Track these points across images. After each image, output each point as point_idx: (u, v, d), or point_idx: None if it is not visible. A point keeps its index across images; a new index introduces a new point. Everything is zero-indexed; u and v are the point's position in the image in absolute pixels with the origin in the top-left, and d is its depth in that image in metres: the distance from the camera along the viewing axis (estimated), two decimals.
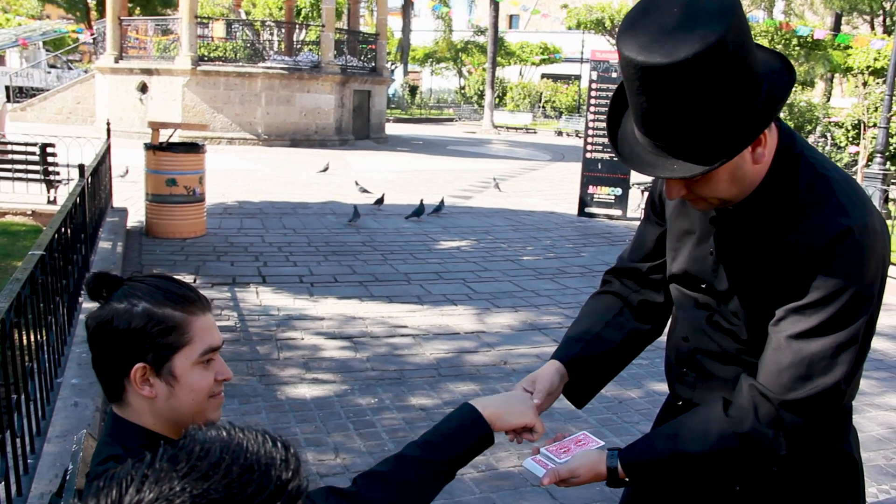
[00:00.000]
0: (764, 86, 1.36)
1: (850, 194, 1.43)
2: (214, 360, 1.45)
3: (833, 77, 31.94)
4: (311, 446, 4.07)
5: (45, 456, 3.23)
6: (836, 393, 1.41)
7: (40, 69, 33.93)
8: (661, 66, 1.28)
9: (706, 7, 1.28)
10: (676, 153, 1.36)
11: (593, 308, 1.85)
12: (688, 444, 1.49)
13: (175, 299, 1.40)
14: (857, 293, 1.39)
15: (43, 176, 10.52)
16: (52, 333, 4.06)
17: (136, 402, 1.42)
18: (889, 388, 5.38)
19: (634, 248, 1.84)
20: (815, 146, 17.54)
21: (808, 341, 1.40)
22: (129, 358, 1.38)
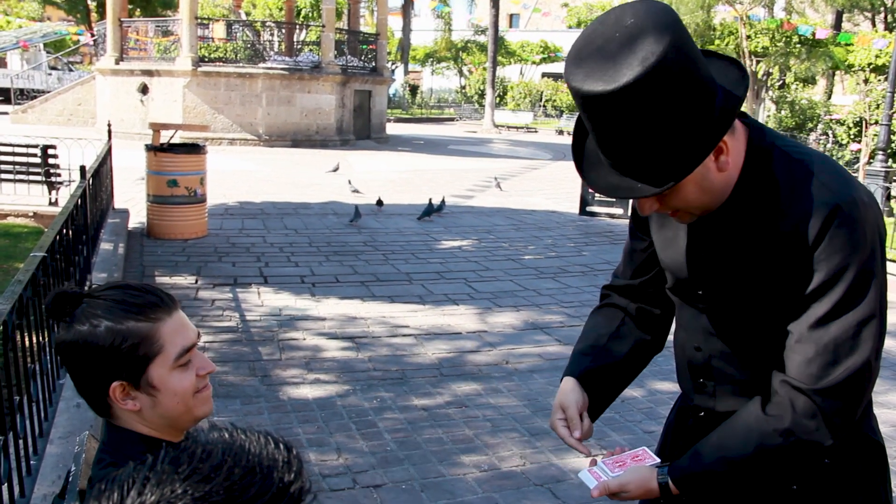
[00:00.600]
0: (719, 95, 1.37)
1: (830, 173, 1.43)
2: (192, 357, 1.42)
3: (834, 74, 31.93)
4: (314, 447, 4.07)
5: (47, 457, 3.24)
6: (868, 370, 1.40)
7: (41, 71, 33.95)
8: (606, 94, 1.29)
9: (644, 30, 1.28)
10: (636, 173, 1.38)
11: (597, 322, 1.85)
12: (733, 450, 1.47)
13: (136, 310, 1.36)
14: (861, 267, 1.38)
15: (44, 177, 10.52)
16: (53, 334, 4.06)
17: (124, 415, 1.41)
18: (893, 386, 5.38)
19: (624, 266, 1.84)
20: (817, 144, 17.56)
21: (827, 327, 1.40)
22: (103, 377, 1.36)
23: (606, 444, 4.22)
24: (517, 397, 4.86)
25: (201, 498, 0.71)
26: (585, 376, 1.74)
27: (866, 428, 1.60)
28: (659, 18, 1.30)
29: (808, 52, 24.39)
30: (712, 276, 1.58)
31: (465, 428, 4.39)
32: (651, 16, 1.30)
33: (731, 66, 1.45)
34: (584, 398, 1.71)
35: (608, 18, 1.34)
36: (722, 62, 1.46)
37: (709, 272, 1.58)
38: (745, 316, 1.55)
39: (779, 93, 28.79)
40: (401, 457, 4.01)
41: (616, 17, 1.33)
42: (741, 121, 1.48)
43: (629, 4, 1.34)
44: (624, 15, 1.32)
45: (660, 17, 1.30)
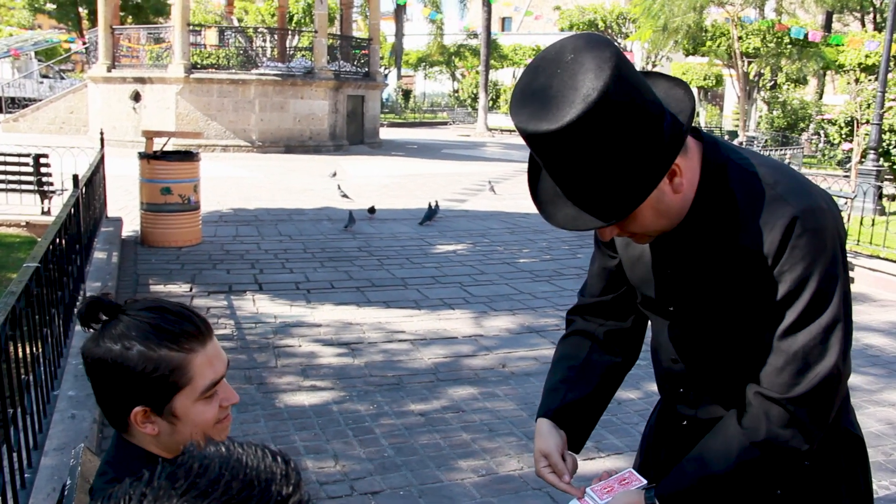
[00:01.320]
0: (667, 119, 1.37)
1: (786, 182, 1.45)
2: (218, 388, 1.40)
3: (825, 74, 32.03)
4: (311, 454, 4.06)
5: (42, 470, 3.22)
6: (837, 374, 1.43)
7: (32, 79, 33.84)
8: (551, 133, 1.29)
9: (584, 65, 1.28)
10: (591, 204, 1.38)
11: (564, 354, 1.85)
12: (714, 466, 1.50)
13: (171, 338, 1.34)
14: (824, 275, 1.40)
15: (37, 187, 10.48)
16: (48, 346, 4.05)
17: (139, 435, 1.40)
18: (886, 384, 5.39)
19: (594, 283, 1.84)
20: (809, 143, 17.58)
21: (795, 336, 1.42)
22: (127, 399, 1.35)
23: (603, 447, 4.22)
24: (514, 401, 4.86)
25: None
26: (559, 413, 1.74)
27: (845, 422, 1.63)
28: (598, 52, 1.30)
29: (800, 53, 24.46)
30: (681, 293, 1.59)
31: (462, 433, 4.39)
32: (590, 49, 1.30)
33: (675, 87, 1.45)
34: (562, 438, 1.72)
35: (548, 55, 1.34)
36: (666, 83, 1.46)
37: (677, 289, 1.59)
38: (717, 329, 1.56)
39: (770, 93, 28.88)
40: (398, 463, 4.00)
41: (555, 53, 1.33)
42: (694, 137, 1.49)
43: (568, 39, 1.34)
44: (563, 50, 1.32)
45: (599, 49, 1.30)
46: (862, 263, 8.44)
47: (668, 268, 1.59)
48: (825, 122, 21.09)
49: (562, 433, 1.72)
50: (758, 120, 28.89)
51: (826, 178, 12.26)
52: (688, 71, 32.78)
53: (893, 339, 6.47)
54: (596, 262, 1.83)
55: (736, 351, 1.54)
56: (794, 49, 24.10)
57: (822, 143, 24.16)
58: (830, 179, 12.44)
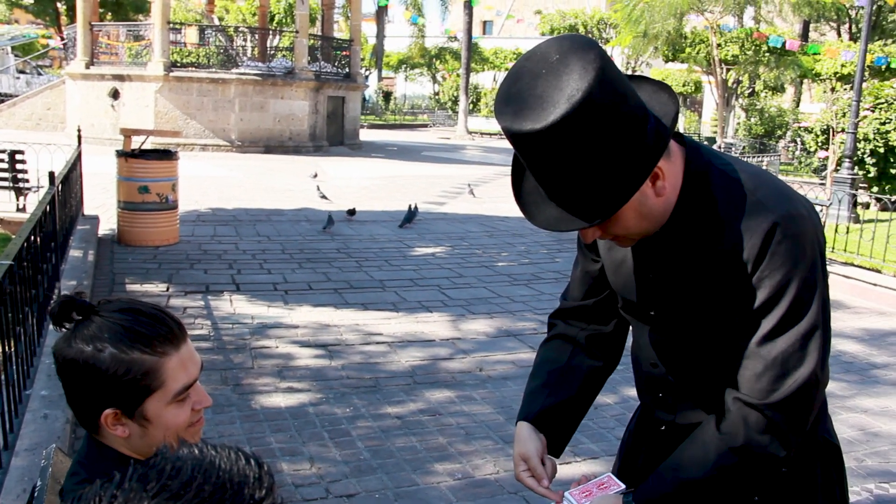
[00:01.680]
0: (650, 122, 1.38)
1: (768, 188, 1.46)
2: (191, 391, 1.39)
3: (802, 82, 32.38)
4: (286, 456, 4.04)
5: (12, 470, 3.18)
6: (815, 381, 1.44)
7: (9, 75, 33.50)
8: (535, 132, 1.30)
9: (569, 66, 1.30)
10: (573, 205, 1.39)
11: (545, 357, 1.85)
12: (692, 471, 1.50)
13: (144, 341, 1.32)
14: (803, 281, 1.41)
15: (12, 183, 10.38)
16: (20, 344, 4.00)
17: (110, 437, 1.38)
18: (859, 390, 5.45)
19: (576, 287, 1.85)
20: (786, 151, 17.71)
21: (773, 342, 1.43)
22: (98, 401, 1.33)
23: (579, 451, 4.23)
24: (491, 404, 4.87)
25: None
26: (540, 417, 1.75)
27: (822, 431, 1.65)
28: (583, 53, 1.30)
29: (777, 61, 24.69)
30: (662, 298, 1.60)
31: (438, 436, 4.39)
32: (575, 51, 1.31)
33: (660, 91, 1.46)
34: (542, 442, 1.72)
35: (534, 55, 1.35)
36: (651, 87, 1.47)
37: (658, 294, 1.60)
38: (697, 334, 1.57)
39: (748, 100, 29.15)
40: (374, 465, 3.99)
41: (541, 53, 1.34)
42: (677, 142, 1.50)
43: (554, 40, 1.35)
44: (549, 51, 1.33)
45: (584, 51, 1.31)
46: (836, 271, 8.54)
47: (650, 272, 1.59)
48: (802, 129, 21.30)
49: (542, 437, 1.73)
50: (736, 127, 29.15)
51: (802, 186, 12.38)
52: (667, 77, 32.99)
53: (867, 346, 6.55)
54: (578, 266, 1.84)
55: (715, 356, 1.55)
56: (772, 57, 24.33)
57: (799, 150, 24.40)
58: (806, 187, 12.56)
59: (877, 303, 8.07)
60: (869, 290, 8.25)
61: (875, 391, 5.46)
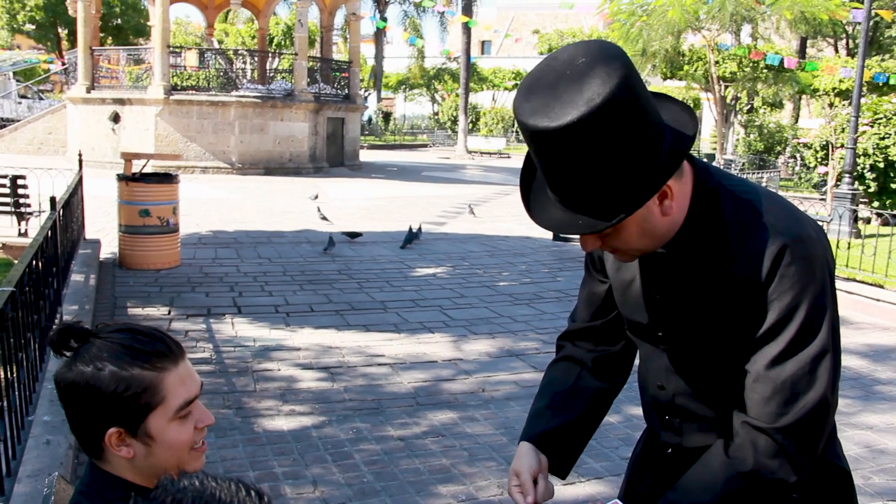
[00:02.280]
0: (667, 139, 1.38)
1: (777, 211, 1.45)
2: (192, 409, 1.41)
3: (800, 98, 32.51)
4: (289, 479, 4.02)
5: (15, 496, 3.17)
6: (825, 404, 1.42)
7: (10, 100, 33.68)
8: (550, 130, 1.31)
9: (594, 70, 1.30)
10: (579, 209, 1.39)
11: (552, 379, 1.85)
12: (699, 496, 1.48)
13: (143, 358, 1.35)
14: (812, 304, 1.40)
15: (13, 208, 10.40)
16: (23, 370, 3.99)
17: (114, 460, 1.38)
18: (864, 407, 5.43)
19: (583, 308, 1.84)
20: (786, 167, 17.71)
21: (783, 365, 1.42)
22: (101, 422, 1.34)
23: (584, 471, 4.21)
24: (494, 425, 4.85)
25: None
26: (542, 438, 1.74)
27: (832, 455, 1.62)
28: (610, 61, 1.31)
29: (775, 77, 24.81)
30: (670, 319, 1.59)
31: (441, 457, 4.37)
32: (602, 57, 1.32)
33: (682, 112, 1.47)
34: (539, 461, 1.71)
35: (561, 55, 1.36)
36: (674, 106, 1.48)
37: (666, 315, 1.59)
38: (705, 356, 1.56)
39: (747, 117, 29.26)
40: (378, 488, 3.97)
41: (569, 55, 1.34)
42: (688, 164, 1.50)
43: (584, 43, 1.36)
44: (576, 53, 1.34)
45: (611, 59, 1.32)
46: (839, 286, 8.47)
47: (658, 293, 1.58)
48: (801, 145, 21.35)
49: (542, 457, 1.71)
50: (735, 143, 29.24)
51: (802, 202, 12.40)
52: None
53: (870, 362, 6.53)
54: (585, 287, 1.83)
55: (723, 379, 1.53)
56: (770, 73, 24.45)
57: (799, 166, 24.45)
58: (807, 203, 12.59)
59: (880, 318, 8.05)
60: (872, 305, 8.24)
61: (880, 407, 5.43)
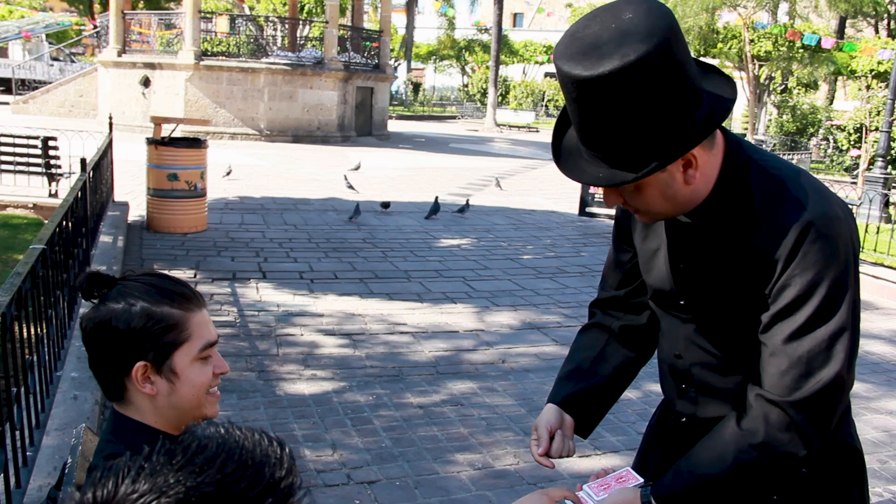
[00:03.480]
0: (703, 108, 1.39)
1: (806, 188, 1.46)
2: (212, 355, 1.47)
3: (836, 79, 31.94)
4: (309, 442, 4.09)
5: (43, 449, 3.26)
6: (840, 382, 1.43)
7: (43, 62, 33.93)
8: (583, 79, 1.33)
9: (637, 28, 1.32)
10: (605, 161, 1.41)
11: (581, 344, 1.89)
12: (712, 466, 1.51)
13: (172, 297, 1.42)
14: (834, 282, 1.41)
15: (44, 169, 10.54)
16: (52, 327, 4.08)
17: (137, 400, 1.44)
18: (886, 391, 5.40)
19: (610, 278, 1.87)
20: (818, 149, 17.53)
21: (800, 340, 1.43)
22: (129, 357, 1.40)
23: (600, 444, 4.24)
24: (512, 396, 4.88)
25: (193, 488, 0.73)
26: (568, 401, 1.78)
27: (844, 434, 1.63)
28: (655, 21, 1.32)
29: (811, 57, 24.38)
30: (693, 288, 1.60)
31: (459, 426, 4.42)
32: (649, 17, 1.33)
33: (725, 85, 1.47)
34: (560, 420, 1.76)
35: (609, 7, 1.37)
36: (719, 78, 1.48)
37: (689, 284, 1.61)
38: (725, 326, 1.57)
39: (781, 97, 28.81)
40: (395, 454, 4.03)
41: (618, 9, 1.36)
42: (722, 135, 1.51)
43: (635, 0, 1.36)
44: (625, 9, 1.35)
45: (657, 20, 1.33)
46: (866, 271, 8.44)
47: (682, 262, 1.60)
48: (834, 127, 21.02)
49: (567, 418, 1.76)
50: (767, 123, 28.83)
51: (833, 185, 12.24)
52: None
53: (894, 348, 6.48)
54: (612, 257, 1.86)
55: (741, 351, 1.55)
56: (806, 53, 24.03)
57: (831, 148, 24.09)
58: (837, 186, 12.41)
59: None
60: None
61: None
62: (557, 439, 1.73)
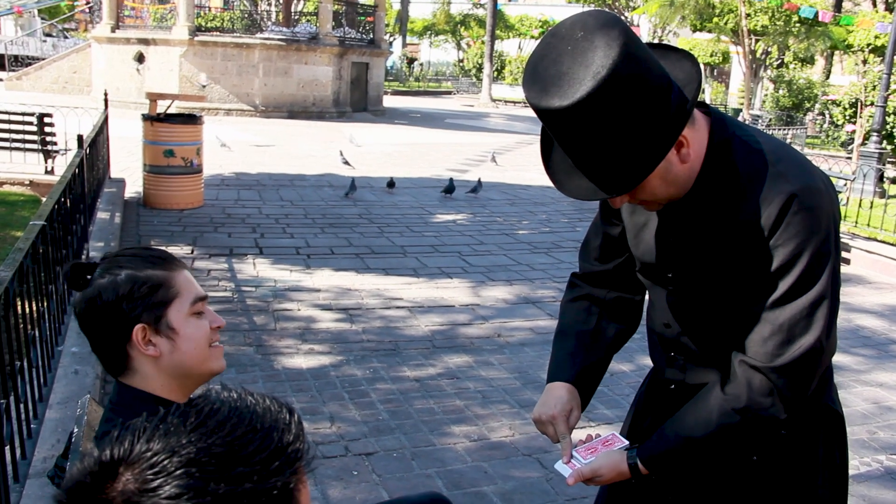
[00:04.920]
0: (674, 91, 1.42)
1: (788, 161, 1.51)
2: (205, 311, 1.53)
3: (833, 54, 31.83)
4: (307, 415, 4.15)
5: (47, 422, 3.31)
6: (819, 348, 1.49)
7: (36, 38, 33.64)
8: (562, 109, 1.35)
9: (593, 42, 1.34)
10: (602, 175, 1.44)
11: (575, 318, 1.90)
12: (695, 429, 1.57)
13: (153, 261, 1.49)
14: (815, 253, 1.46)
15: (40, 146, 10.52)
16: (52, 302, 4.12)
17: (142, 367, 1.48)
18: (875, 365, 5.47)
19: (596, 250, 1.89)
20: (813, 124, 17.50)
21: (782, 308, 1.48)
22: (125, 324, 1.45)
23: (594, 416, 4.31)
24: (508, 370, 4.95)
25: (203, 449, 0.77)
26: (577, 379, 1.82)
27: (826, 399, 1.70)
28: (608, 30, 1.35)
29: (808, 32, 24.26)
30: (680, 261, 1.65)
31: (456, 399, 4.48)
32: (600, 27, 1.35)
33: (683, 60, 1.51)
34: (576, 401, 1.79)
35: (558, 32, 1.39)
36: (675, 55, 1.52)
37: (677, 257, 1.65)
38: (711, 297, 1.62)
39: (777, 72, 28.72)
40: (392, 426, 4.09)
41: (566, 30, 1.38)
42: (702, 111, 1.54)
43: (578, 17, 1.39)
44: (574, 28, 1.37)
45: (608, 28, 1.35)
46: (859, 245, 8.49)
47: (671, 236, 1.65)
48: (830, 102, 21.00)
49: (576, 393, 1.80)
50: (763, 98, 28.78)
51: (827, 160, 12.25)
52: (694, 47, 32.56)
53: (886, 322, 6.55)
54: (598, 229, 1.88)
55: (727, 319, 1.60)
56: (803, 28, 23.91)
57: (827, 123, 24.07)
58: (832, 161, 12.43)
59: None
60: (891, 265, 8.21)
61: (892, 366, 5.47)
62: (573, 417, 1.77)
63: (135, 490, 0.76)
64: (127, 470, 0.77)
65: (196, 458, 0.77)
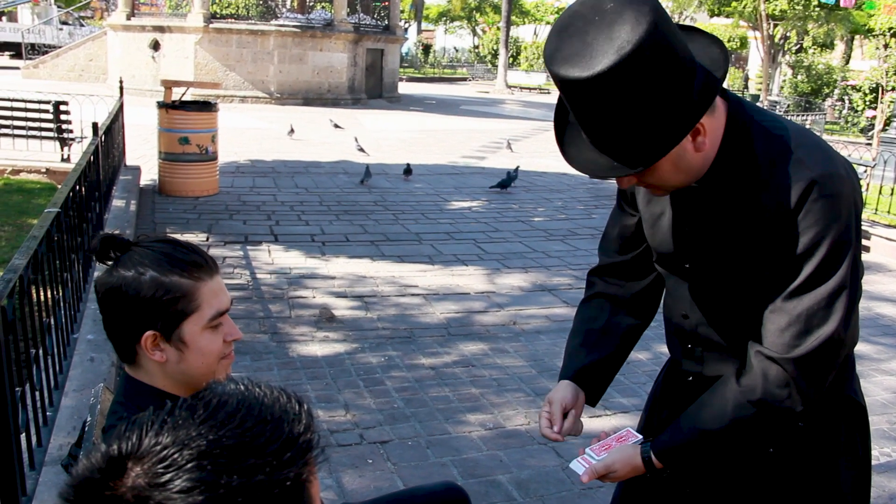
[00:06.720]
0: (698, 76, 1.38)
1: (808, 147, 1.46)
2: (223, 322, 1.48)
3: (853, 39, 31.46)
4: (322, 403, 4.15)
5: (62, 409, 3.32)
6: (838, 339, 1.45)
7: (52, 26, 33.76)
8: (582, 80, 1.31)
9: (622, 16, 1.30)
10: (614, 152, 1.40)
11: (585, 316, 1.89)
12: (710, 422, 1.54)
13: (182, 266, 1.42)
14: (835, 241, 1.42)
15: (56, 134, 10.56)
16: (67, 290, 4.13)
17: (148, 365, 1.46)
18: (894, 354, 5.40)
19: (613, 241, 1.86)
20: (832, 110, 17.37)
21: (800, 298, 1.44)
22: (138, 325, 1.42)
23: (610, 405, 4.28)
24: (523, 358, 4.92)
25: (214, 441, 0.75)
26: (579, 375, 1.80)
27: (848, 390, 1.66)
28: (639, 5, 1.31)
29: (828, 16, 23.98)
30: (698, 251, 1.61)
31: (471, 387, 4.46)
32: (630, 2, 1.31)
33: (712, 45, 1.46)
34: (576, 398, 1.78)
35: (588, 1, 1.35)
36: (704, 40, 1.47)
37: (694, 247, 1.62)
38: (730, 287, 1.59)
39: (796, 57, 28.43)
40: (407, 414, 4.08)
41: (596, 0, 1.34)
42: (721, 96, 1.50)
43: None
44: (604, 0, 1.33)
45: (639, 3, 1.31)
46: (879, 233, 8.39)
47: (688, 225, 1.61)
48: (850, 88, 20.77)
49: (581, 395, 1.79)
50: (781, 84, 28.50)
51: (847, 146, 12.11)
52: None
53: None
54: (616, 220, 1.86)
55: (745, 309, 1.56)
56: (823, 12, 23.63)
57: (846, 109, 23.80)
58: (851, 147, 12.27)
59: None
60: None
61: None
62: (570, 419, 1.75)
63: (145, 485, 0.74)
64: (136, 465, 0.75)
65: (207, 451, 0.75)
